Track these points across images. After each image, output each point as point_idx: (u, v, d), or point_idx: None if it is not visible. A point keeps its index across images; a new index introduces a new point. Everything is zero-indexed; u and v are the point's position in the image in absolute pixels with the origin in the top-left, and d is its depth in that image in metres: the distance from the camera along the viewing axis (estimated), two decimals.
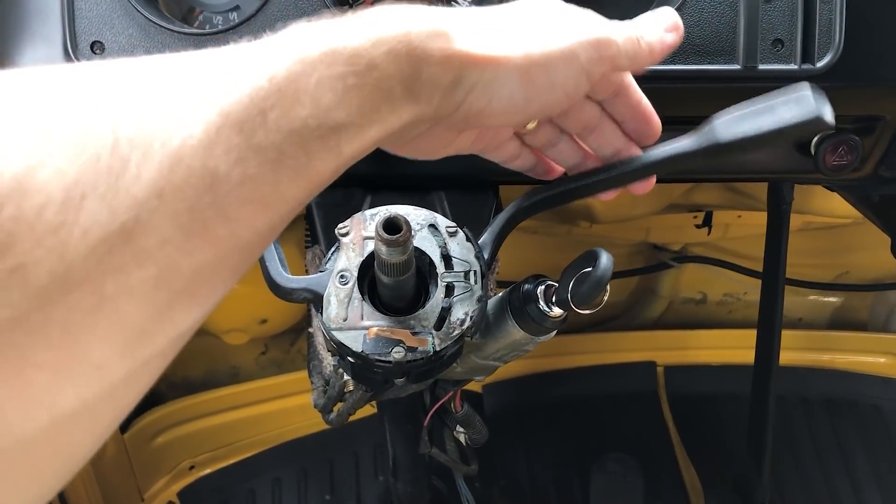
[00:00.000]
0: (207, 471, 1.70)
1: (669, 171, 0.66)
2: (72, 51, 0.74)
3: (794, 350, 1.77)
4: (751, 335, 1.79)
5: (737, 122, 0.63)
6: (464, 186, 0.88)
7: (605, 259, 0.60)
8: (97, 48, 0.74)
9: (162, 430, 1.66)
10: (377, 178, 0.88)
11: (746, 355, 1.79)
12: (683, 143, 0.65)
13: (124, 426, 1.56)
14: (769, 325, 1.40)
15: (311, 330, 0.88)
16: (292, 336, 1.77)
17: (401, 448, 1.10)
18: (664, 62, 0.77)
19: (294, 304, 1.58)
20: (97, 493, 1.46)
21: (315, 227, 0.87)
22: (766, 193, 1.36)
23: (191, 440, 1.69)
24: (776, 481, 1.60)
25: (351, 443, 1.72)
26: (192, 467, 1.70)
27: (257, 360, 1.77)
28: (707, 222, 1.65)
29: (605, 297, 0.61)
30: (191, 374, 1.74)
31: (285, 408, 1.72)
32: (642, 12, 0.82)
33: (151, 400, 1.67)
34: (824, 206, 1.50)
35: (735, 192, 1.54)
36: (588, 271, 0.61)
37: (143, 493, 1.65)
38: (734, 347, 1.86)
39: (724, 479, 1.67)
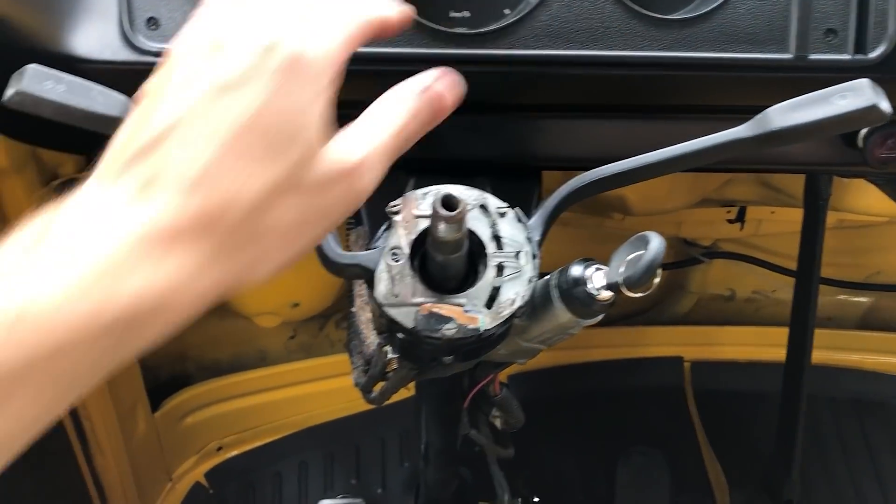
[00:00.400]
0: (235, 452, 1.72)
1: (721, 157, 0.66)
2: (128, 26, 0.75)
3: (824, 349, 1.76)
4: (779, 333, 1.79)
5: (792, 111, 0.63)
6: (508, 171, 0.88)
7: (656, 242, 0.61)
8: (152, 24, 0.75)
9: (191, 410, 1.67)
10: (421, 161, 0.88)
11: (774, 353, 1.78)
12: (738, 130, 0.65)
13: (155, 406, 1.57)
14: (802, 323, 1.39)
15: (353, 310, 0.88)
16: (321, 321, 1.78)
17: (434, 432, 1.10)
18: (714, 50, 0.77)
19: (325, 289, 1.60)
20: (128, 471, 1.48)
21: (359, 208, 0.88)
22: (803, 188, 1.35)
23: (219, 422, 1.70)
24: (802, 480, 1.59)
25: (377, 429, 1.73)
26: (219, 448, 1.72)
27: (286, 344, 1.79)
28: (740, 217, 1.64)
29: (657, 281, 0.61)
30: (220, 356, 1.75)
31: (313, 392, 1.73)
32: (690, 2, 0.82)
33: (181, 381, 1.69)
34: (859, 203, 1.48)
35: (770, 188, 1.53)
36: (640, 254, 0.61)
37: (171, 472, 1.67)
38: (762, 345, 1.86)
39: (750, 476, 1.67)
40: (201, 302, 0.42)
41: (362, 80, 0.79)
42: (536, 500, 1.38)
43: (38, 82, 0.59)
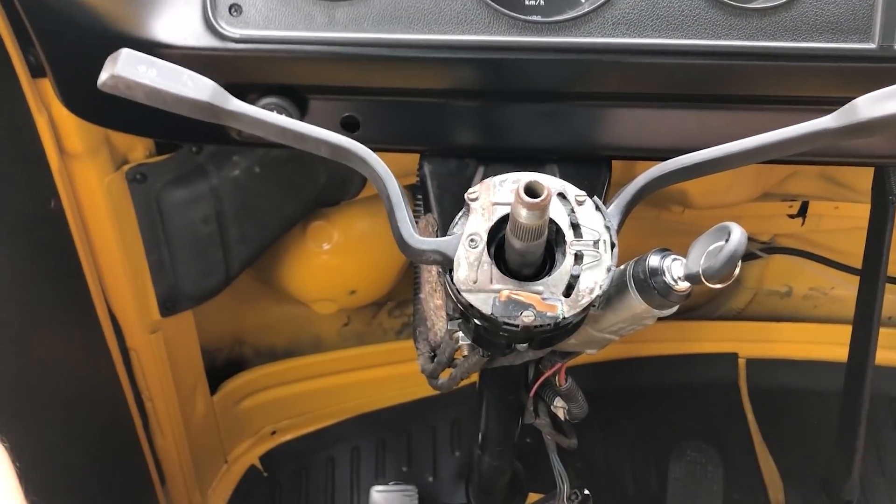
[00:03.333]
0: (288, 437, 1.74)
1: (805, 148, 0.65)
2: (211, 12, 0.76)
3: (884, 349, 1.72)
4: (837, 330, 1.75)
5: (882, 101, 0.61)
6: (577, 159, 0.88)
7: (738, 233, 0.60)
8: (235, 10, 0.76)
9: (247, 394, 1.70)
10: (490, 149, 0.89)
11: (831, 351, 1.75)
12: (823, 121, 0.64)
13: (213, 389, 1.60)
14: (866, 322, 1.36)
15: (420, 296, 0.89)
16: (374, 309, 1.80)
17: (494, 421, 1.11)
18: (795, 40, 0.76)
19: (382, 277, 1.61)
20: (187, 452, 1.51)
21: (428, 195, 0.89)
22: (870, 184, 1.32)
23: (273, 406, 1.73)
24: (860, 480, 1.56)
25: (428, 417, 1.74)
26: (273, 433, 1.74)
27: (340, 331, 1.80)
28: (802, 212, 1.62)
29: (737, 272, 0.61)
30: (276, 341, 1.77)
31: (366, 379, 1.74)
32: None
33: (239, 365, 1.72)
34: None
35: (834, 183, 1.50)
36: (720, 245, 0.60)
37: (226, 455, 1.70)
38: (819, 342, 1.83)
39: (805, 476, 1.64)
40: None
41: (443, 67, 0.79)
42: (587, 492, 1.38)
43: (132, 66, 0.60)
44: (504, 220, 0.63)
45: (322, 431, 1.74)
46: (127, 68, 0.60)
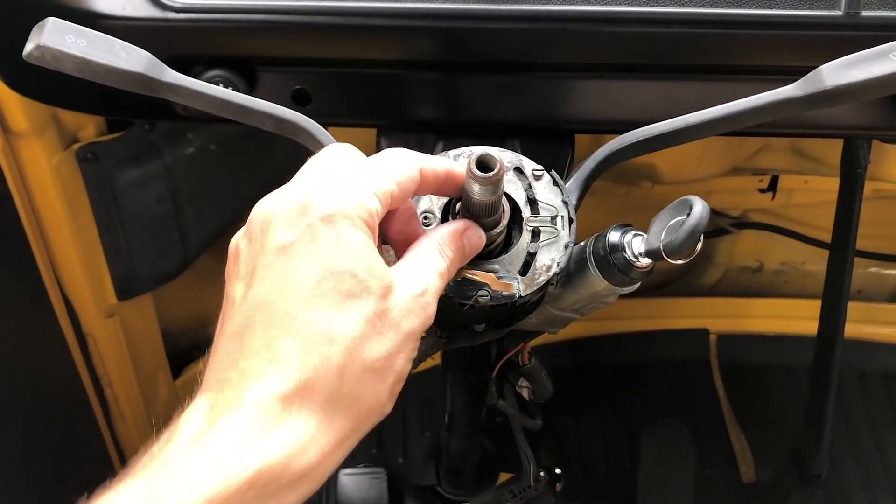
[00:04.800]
0: None
1: (768, 118, 0.63)
2: None
3: (854, 322, 1.72)
4: (808, 305, 1.75)
5: (846, 68, 0.59)
6: (539, 134, 0.85)
7: (700, 206, 0.58)
8: None
9: None
10: (450, 123, 0.86)
11: (802, 326, 1.75)
12: (787, 90, 0.61)
13: (177, 373, 1.57)
14: (835, 296, 1.36)
15: None
16: None
17: (460, 401, 1.09)
18: (760, 6, 0.74)
19: None
20: (150, 438, 1.48)
21: None
22: (839, 156, 1.31)
23: None
24: (829, 454, 1.56)
25: (398, 399, 1.71)
26: None
27: None
28: (773, 186, 1.61)
29: (699, 247, 0.59)
30: None
31: None
32: None
33: (203, 349, 1.68)
34: None
35: (803, 156, 1.49)
36: (682, 219, 0.58)
37: None
38: (790, 318, 1.83)
39: (776, 450, 1.64)
40: (329, 457, 0.45)
41: (396, 36, 0.76)
42: (558, 471, 1.37)
43: (59, 36, 0.57)
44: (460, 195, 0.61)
45: None
46: (54, 38, 0.57)
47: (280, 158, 1.28)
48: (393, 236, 0.56)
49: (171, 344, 1.54)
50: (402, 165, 0.52)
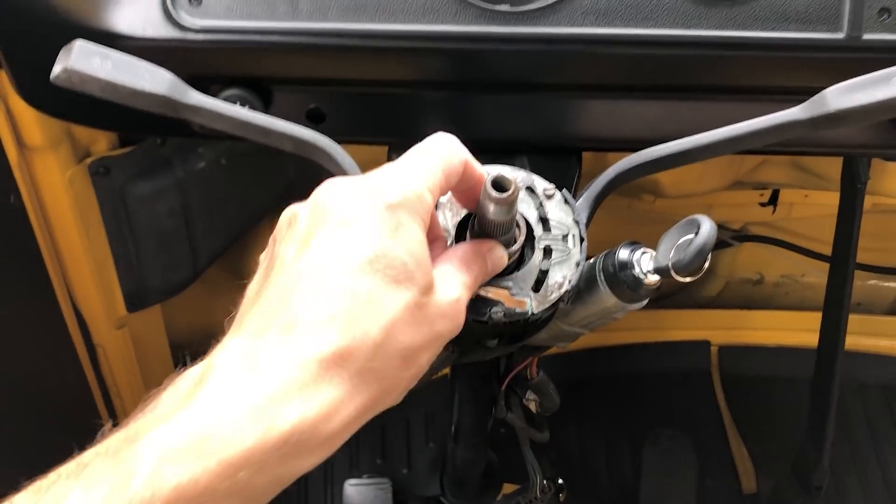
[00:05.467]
0: None
1: (774, 140, 0.64)
2: (170, 2, 0.74)
3: (854, 335, 1.74)
4: (808, 317, 1.77)
5: (850, 92, 0.61)
6: (547, 152, 0.87)
7: (707, 225, 0.59)
8: (195, 1, 0.74)
9: None
10: (460, 141, 0.88)
11: (803, 338, 1.77)
12: (792, 112, 0.63)
13: None
14: (836, 309, 1.37)
15: None
16: None
17: (467, 413, 1.10)
18: (764, 30, 0.76)
19: None
20: None
21: None
22: (840, 171, 1.33)
23: None
24: (830, 467, 1.58)
25: (402, 409, 1.71)
26: None
27: None
28: (773, 200, 1.62)
29: (707, 265, 0.60)
30: None
31: None
32: None
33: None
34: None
35: (804, 171, 1.51)
36: (690, 238, 0.60)
37: None
38: (791, 329, 1.84)
39: (777, 462, 1.66)
40: (348, 427, 0.46)
41: (409, 57, 0.78)
42: (561, 481, 1.38)
43: (86, 59, 0.58)
44: (472, 214, 0.62)
45: None
46: (81, 61, 0.58)
47: (290, 173, 1.30)
48: None
49: (178, 356, 1.56)
50: (450, 154, 0.54)
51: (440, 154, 0.53)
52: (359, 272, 0.46)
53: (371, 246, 0.47)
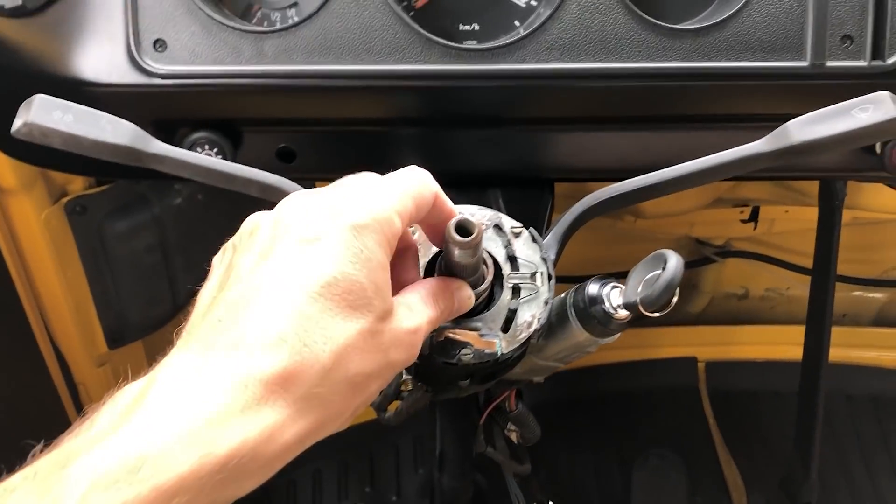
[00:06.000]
0: None
1: (740, 171, 0.64)
2: (135, 49, 0.74)
3: (839, 346, 1.75)
4: (794, 331, 1.77)
5: (811, 124, 0.61)
6: (519, 183, 0.87)
7: (674, 261, 0.59)
8: (159, 46, 0.74)
9: None
10: (432, 174, 0.88)
11: (789, 351, 1.77)
12: (756, 146, 0.63)
13: None
14: (819, 321, 1.38)
15: None
16: None
17: (450, 443, 1.10)
18: (729, 59, 0.76)
19: None
20: None
21: None
22: (818, 189, 1.33)
23: None
24: (820, 479, 1.58)
25: (391, 436, 1.72)
26: None
27: None
28: (754, 217, 1.63)
29: (675, 300, 0.60)
30: None
31: None
32: (703, 11, 0.81)
33: None
34: (874, 201, 1.47)
35: (784, 188, 1.51)
36: (657, 274, 0.60)
37: None
38: (777, 343, 1.84)
39: (768, 477, 1.65)
40: (289, 451, 0.44)
41: (376, 96, 0.78)
42: (551, 503, 1.38)
43: (46, 113, 0.58)
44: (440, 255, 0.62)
45: None
46: (41, 115, 0.58)
47: (266, 205, 1.30)
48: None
49: None
50: (420, 184, 0.53)
51: (412, 183, 0.53)
52: (315, 294, 0.45)
53: (331, 268, 0.46)
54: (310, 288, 0.45)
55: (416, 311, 0.52)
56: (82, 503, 0.39)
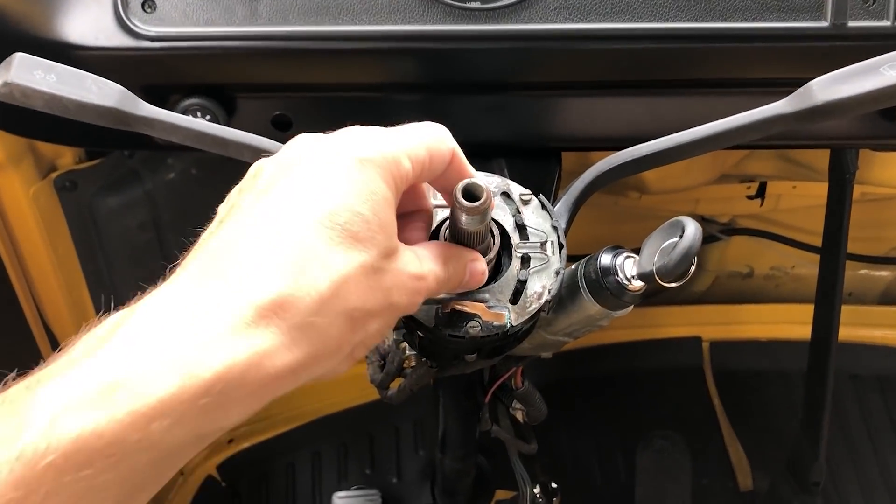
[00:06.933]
0: (246, 444, 1.69)
1: (759, 135, 0.61)
2: (122, 9, 0.71)
3: (846, 325, 1.72)
4: (799, 310, 1.74)
5: (836, 83, 0.58)
6: (525, 153, 0.84)
7: (692, 228, 0.56)
8: (148, 6, 0.71)
9: None
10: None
11: (794, 330, 1.74)
12: (776, 106, 0.60)
13: None
14: (828, 300, 1.35)
15: None
16: None
17: (453, 424, 1.07)
18: (745, 20, 0.73)
19: None
20: None
21: None
22: (827, 162, 1.30)
23: None
24: (826, 460, 1.55)
25: (391, 418, 1.70)
26: (230, 441, 1.69)
27: None
28: (761, 193, 1.60)
29: (693, 269, 0.57)
30: None
31: (325, 381, 1.70)
32: None
33: None
34: (885, 175, 1.44)
35: (791, 162, 1.48)
36: (674, 242, 0.57)
37: (182, 466, 1.65)
38: (782, 322, 1.82)
39: (773, 458, 1.63)
40: (279, 380, 0.42)
41: (376, 59, 0.75)
42: (555, 485, 1.35)
43: (27, 72, 0.55)
44: (446, 223, 0.59)
45: (281, 437, 1.68)
46: (21, 74, 0.55)
47: None
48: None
49: None
50: (438, 137, 0.51)
51: (427, 133, 0.50)
52: (316, 225, 0.43)
53: (333, 199, 0.44)
54: (310, 217, 0.44)
55: (424, 261, 0.50)
56: (50, 426, 0.36)
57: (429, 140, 0.50)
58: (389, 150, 0.47)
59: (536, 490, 1.14)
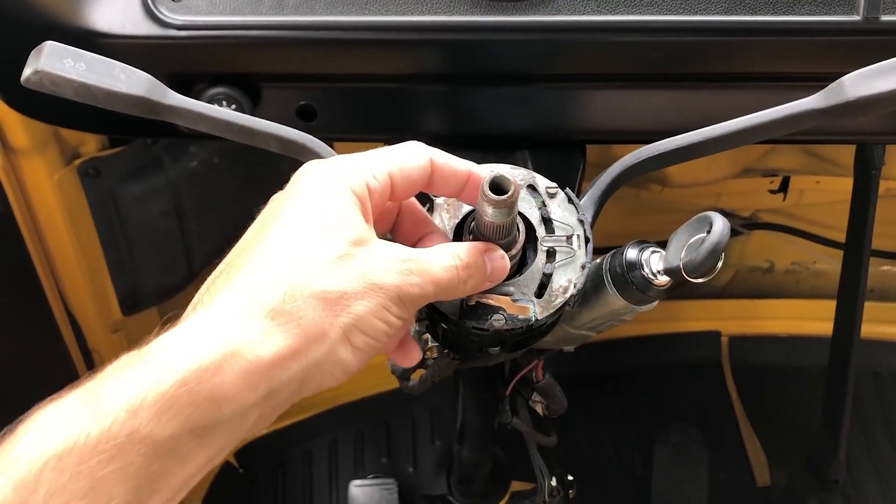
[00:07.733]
0: (264, 431, 1.70)
1: (789, 130, 0.61)
2: None
3: (867, 322, 1.71)
4: (820, 305, 1.73)
5: (870, 78, 0.57)
6: (549, 145, 0.84)
7: (720, 224, 0.56)
8: None
9: None
10: (458, 136, 0.84)
11: (815, 326, 1.73)
12: (808, 102, 0.59)
13: None
14: (850, 297, 1.34)
15: None
16: None
17: (472, 414, 1.07)
18: (775, 13, 0.72)
19: None
20: None
21: None
22: (853, 157, 1.29)
23: None
24: (845, 458, 1.54)
25: (407, 407, 1.70)
26: None
27: None
28: (784, 187, 1.58)
29: (720, 265, 0.57)
30: None
31: None
32: None
33: None
34: None
35: (815, 157, 1.47)
36: (702, 237, 0.56)
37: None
38: (802, 318, 1.80)
39: (791, 454, 1.62)
40: (270, 370, 0.45)
41: (402, 50, 0.75)
42: (571, 478, 1.35)
43: (57, 60, 0.55)
44: (471, 215, 0.59)
45: (298, 425, 1.69)
46: (52, 62, 0.55)
47: (284, 170, 1.27)
48: (404, 236, 0.58)
49: None
50: (408, 153, 0.54)
51: (395, 149, 0.54)
52: (283, 234, 0.49)
53: (299, 206, 0.50)
54: (279, 222, 0.49)
55: (421, 250, 0.53)
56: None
57: (399, 158, 0.53)
58: (347, 164, 0.52)
59: (554, 482, 1.14)
